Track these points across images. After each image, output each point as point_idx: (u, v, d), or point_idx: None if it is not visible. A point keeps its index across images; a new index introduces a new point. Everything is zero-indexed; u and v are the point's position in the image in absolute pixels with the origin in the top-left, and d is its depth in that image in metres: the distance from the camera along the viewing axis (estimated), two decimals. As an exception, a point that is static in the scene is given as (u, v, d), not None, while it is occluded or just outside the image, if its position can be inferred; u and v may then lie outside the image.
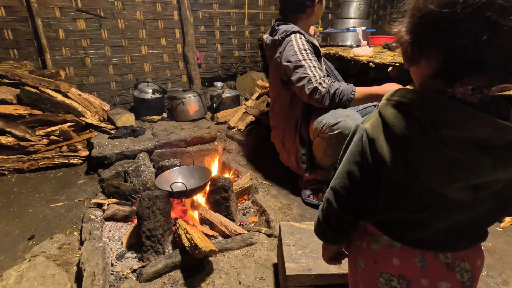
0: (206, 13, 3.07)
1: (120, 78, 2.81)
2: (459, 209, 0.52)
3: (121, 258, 1.29)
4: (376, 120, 0.54)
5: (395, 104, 0.51)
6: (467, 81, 0.45)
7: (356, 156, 0.56)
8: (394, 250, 0.57)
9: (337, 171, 0.61)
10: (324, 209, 0.63)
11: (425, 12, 0.45)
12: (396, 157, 0.50)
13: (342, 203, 0.59)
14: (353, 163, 0.56)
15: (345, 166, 0.58)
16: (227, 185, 1.48)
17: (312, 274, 0.93)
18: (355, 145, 0.56)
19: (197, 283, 1.15)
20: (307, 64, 1.43)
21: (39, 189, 1.84)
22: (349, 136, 0.60)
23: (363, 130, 0.55)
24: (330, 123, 1.40)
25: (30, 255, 1.26)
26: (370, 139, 0.53)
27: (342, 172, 0.58)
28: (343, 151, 0.61)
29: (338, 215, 0.60)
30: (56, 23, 2.45)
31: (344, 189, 0.58)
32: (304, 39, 1.51)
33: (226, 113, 2.62)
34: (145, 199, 1.28)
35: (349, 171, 0.57)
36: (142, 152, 1.96)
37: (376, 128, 0.53)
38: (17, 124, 2.00)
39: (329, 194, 0.62)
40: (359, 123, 0.58)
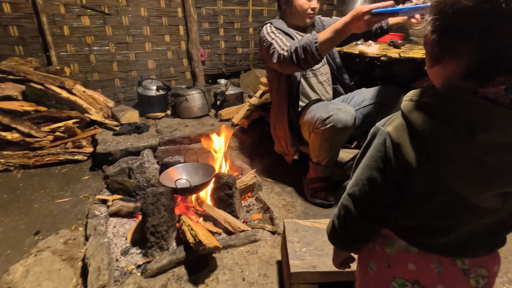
0: (210, 10, 3.06)
1: (124, 75, 2.81)
2: (483, 215, 0.49)
3: (126, 253, 1.30)
4: (400, 123, 0.50)
5: (422, 106, 0.47)
6: (499, 81, 0.42)
7: (378, 162, 0.52)
8: (411, 255, 0.54)
9: (354, 176, 0.58)
10: (341, 216, 0.60)
11: (458, 8, 0.41)
12: (424, 163, 0.47)
13: (363, 211, 0.56)
14: (375, 169, 0.53)
15: (366, 171, 0.54)
16: (231, 182, 1.48)
17: (317, 271, 0.93)
18: (377, 150, 0.52)
19: (201, 279, 1.16)
20: (274, 41, 1.48)
21: (44, 185, 1.85)
22: (368, 139, 0.56)
23: (386, 134, 0.51)
24: (322, 118, 1.40)
25: (36, 250, 1.27)
26: (395, 144, 0.50)
27: (362, 178, 0.55)
28: (360, 155, 0.57)
29: (357, 223, 0.57)
30: (61, 20, 2.45)
31: (365, 196, 0.55)
32: (271, 25, 1.57)
33: (230, 111, 2.62)
34: (150, 196, 1.28)
35: (371, 177, 0.53)
36: (146, 149, 1.97)
37: (401, 132, 0.49)
38: (22, 120, 2.02)
39: (347, 201, 0.58)
40: (380, 126, 0.54)
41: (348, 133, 1.43)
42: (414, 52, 1.88)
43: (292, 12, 1.60)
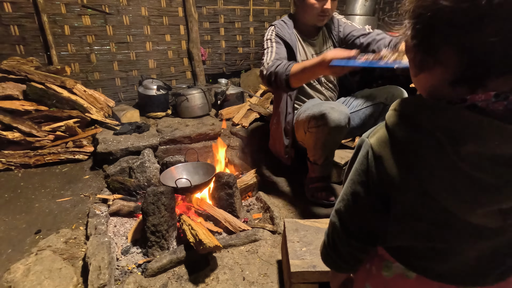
0: (210, 9, 3.06)
1: (125, 74, 2.81)
2: (485, 236, 0.44)
3: (126, 253, 1.30)
4: (383, 135, 0.47)
5: (404, 116, 0.44)
6: (491, 86, 0.38)
7: (361, 176, 0.50)
8: (409, 280, 0.50)
9: (342, 191, 0.55)
10: (329, 233, 0.57)
11: (436, 10, 0.38)
12: (407, 177, 0.44)
13: (348, 227, 0.53)
14: (358, 183, 0.50)
15: (350, 186, 0.52)
16: (231, 181, 1.48)
17: (317, 271, 0.93)
18: (360, 163, 0.50)
19: (202, 279, 1.16)
20: (266, 51, 1.51)
21: (45, 184, 1.86)
22: (354, 151, 0.53)
23: (369, 146, 0.48)
24: (315, 117, 1.40)
25: (37, 249, 1.27)
26: (376, 156, 0.47)
27: (347, 193, 0.52)
28: (347, 168, 0.55)
29: (345, 241, 0.54)
30: (61, 19, 2.46)
31: (349, 212, 0.52)
32: (273, 30, 1.57)
33: (230, 110, 2.62)
34: (150, 195, 1.28)
35: (354, 191, 0.51)
36: (147, 148, 1.97)
37: (383, 143, 0.46)
38: (23, 120, 2.02)
39: (334, 217, 0.55)
40: (365, 137, 0.50)
41: (342, 132, 1.41)
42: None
43: (303, 11, 1.54)
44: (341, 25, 1.65)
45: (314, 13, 1.50)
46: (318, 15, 1.51)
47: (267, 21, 3.40)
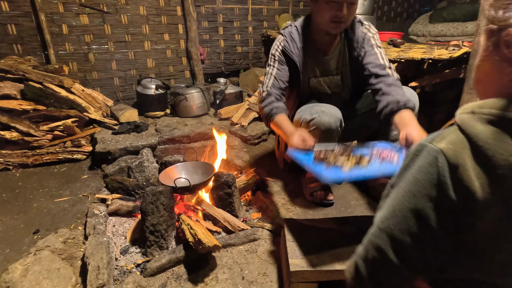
0: (209, 8, 3.05)
1: (123, 73, 2.81)
2: None
3: (125, 252, 1.30)
4: (457, 139, 0.40)
5: (491, 119, 0.37)
6: None
7: (427, 188, 0.40)
8: None
9: (388, 205, 0.44)
10: (370, 260, 0.46)
11: None
12: (493, 193, 0.37)
13: (404, 254, 0.42)
14: (422, 198, 0.41)
15: (408, 200, 0.42)
16: (230, 181, 1.48)
17: (316, 270, 0.93)
18: (424, 172, 0.41)
19: (201, 278, 1.16)
20: (267, 71, 1.46)
21: (43, 184, 1.85)
22: (408, 159, 0.44)
23: (437, 152, 0.40)
24: (306, 120, 1.37)
25: (35, 249, 1.27)
26: (452, 165, 0.39)
27: (403, 208, 0.42)
28: (396, 178, 0.46)
29: (393, 270, 0.44)
30: (59, 18, 2.44)
31: (408, 233, 0.41)
32: (280, 43, 1.44)
33: (229, 109, 2.61)
34: (149, 195, 1.28)
35: (416, 208, 0.41)
36: (146, 148, 1.96)
37: (460, 150, 0.39)
38: (21, 119, 2.01)
39: (380, 239, 0.44)
40: (425, 142, 0.43)
41: (333, 135, 1.39)
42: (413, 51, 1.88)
43: (316, 14, 1.37)
44: (367, 48, 1.41)
45: (326, 17, 1.29)
46: (330, 21, 1.29)
47: (265, 20, 3.39)
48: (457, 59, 1.60)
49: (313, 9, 1.38)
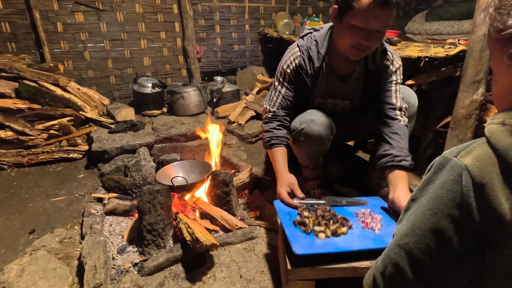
0: (206, 6, 3.04)
1: (119, 72, 2.79)
2: None
3: (122, 252, 1.30)
4: (485, 155, 0.36)
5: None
6: None
7: (449, 207, 0.37)
8: None
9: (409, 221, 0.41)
10: (388, 275, 0.43)
11: None
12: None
13: (422, 274, 0.40)
14: (443, 217, 0.37)
15: (429, 218, 0.39)
16: (227, 179, 1.48)
17: (314, 268, 0.93)
18: (447, 190, 0.38)
19: (199, 277, 1.16)
20: (275, 86, 1.37)
21: (39, 184, 1.84)
22: (430, 172, 0.41)
23: (462, 168, 0.37)
24: (297, 129, 1.34)
25: (31, 249, 1.26)
26: (478, 184, 0.35)
27: (423, 227, 0.39)
28: (418, 191, 0.42)
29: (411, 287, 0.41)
30: (54, 16, 2.42)
31: (427, 253, 0.39)
32: (295, 59, 1.31)
33: (226, 108, 2.61)
34: (146, 193, 1.27)
35: (437, 228, 0.38)
36: (142, 147, 1.95)
37: (488, 167, 0.35)
38: (16, 118, 1.99)
39: (399, 256, 0.42)
40: (449, 155, 0.39)
41: (324, 143, 1.37)
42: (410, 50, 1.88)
43: (337, 34, 1.21)
44: (385, 81, 1.33)
45: (348, 43, 1.14)
46: (352, 47, 1.15)
47: (262, 18, 3.38)
48: (453, 57, 1.60)
49: (335, 29, 1.23)
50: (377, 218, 1.08)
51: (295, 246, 0.92)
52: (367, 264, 0.94)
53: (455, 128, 1.55)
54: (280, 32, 3.06)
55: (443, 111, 1.72)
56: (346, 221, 1.05)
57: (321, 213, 1.07)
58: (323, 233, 0.98)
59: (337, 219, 1.05)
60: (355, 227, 1.04)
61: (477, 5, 1.39)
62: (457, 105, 1.52)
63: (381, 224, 1.05)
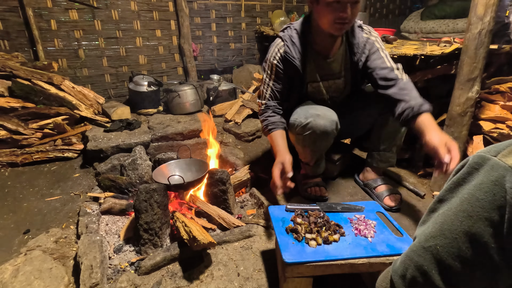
0: (202, 4, 3.02)
1: (114, 70, 2.76)
2: None
3: (119, 251, 1.29)
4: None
5: None
6: None
7: (488, 210, 0.34)
8: None
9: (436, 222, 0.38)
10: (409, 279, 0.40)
11: None
12: None
13: (455, 281, 0.37)
14: (481, 221, 0.34)
15: (462, 221, 0.36)
16: (224, 178, 1.47)
17: (311, 265, 0.94)
18: (486, 191, 0.35)
19: (196, 275, 1.15)
20: (264, 81, 1.44)
21: (33, 183, 1.81)
22: (464, 171, 0.38)
23: (506, 170, 0.33)
24: (302, 123, 1.35)
25: (26, 249, 1.24)
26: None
27: (454, 230, 0.36)
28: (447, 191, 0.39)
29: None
30: (47, 14, 2.39)
31: (460, 260, 0.36)
32: (279, 50, 1.38)
33: (223, 106, 2.60)
34: (142, 192, 1.26)
35: (472, 232, 0.35)
36: (138, 145, 1.94)
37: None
38: (9, 117, 1.96)
39: (424, 260, 0.39)
40: (488, 154, 0.36)
41: (329, 139, 1.39)
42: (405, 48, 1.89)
43: (317, 15, 1.29)
44: (370, 53, 1.37)
45: (329, 19, 1.23)
46: (334, 23, 1.23)
47: (259, 17, 3.37)
48: (449, 55, 1.62)
49: (314, 11, 1.30)
50: (371, 225, 1.08)
51: (285, 254, 0.94)
52: (364, 260, 0.95)
53: (451, 126, 1.56)
54: (276, 31, 3.06)
55: (439, 109, 1.74)
56: (339, 228, 1.06)
57: (313, 220, 1.07)
58: (314, 241, 0.99)
59: (330, 226, 1.06)
60: (348, 234, 1.05)
61: (472, 4, 1.40)
62: (452, 102, 1.54)
63: (374, 231, 1.05)
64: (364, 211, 1.18)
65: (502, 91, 1.62)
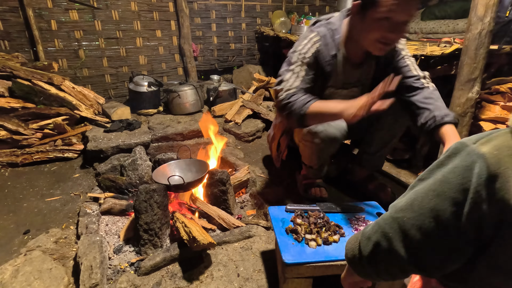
0: (202, 4, 3.02)
1: (114, 70, 2.76)
2: None
3: (119, 251, 1.29)
4: (505, 145, 0.34)
5: None
6: None
7: (455, 191, 0.36)
8: None
9: (410, 196, 0.42)
10: (374, 242, 0.44)
11: None
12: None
13: (413, 253, 0.40)
14: (446, 200, 0.37)
15: (431, 198, 0.38)
16: (225, 178, 1.47)
17: (311, 265, 0.93)
18: (457, 175, 0.37)
19: (196, 276, 1.15)
20: (292, 68, 1.24)
21: (33, 183, 1.81)
22: (445, 155, 0.41)
23: (479, 156, 0.35)
24: (311, 130, 1.32)
25: (25, 249, 1.24)
26: (493, 173, 0.34)
27: (422, 205, 0.39)
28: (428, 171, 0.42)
29: (396, 259, 0.42)
30: (48, 14, 2.39)
31: (421, 231, 0.39)
32: (314, 44, 1.23)
33: (223, 107, 2.60)
34: (142, 193, 1.26)
35: (437, 209, 0.38)
36: (138, 146, 1.94)
37: (506, 157, 0.34)
38: (9, 117, 1.96)
39: (390, 228, 0.42)
40: (468, 142, 0.38)
41: (337, 145, 1.38)
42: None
43: (359, 27, 1.15)
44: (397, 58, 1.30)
45: (373, 36, 1.10)
46: (377, 41, 1.10)
47: (259, 17, 3.37)
48: (449, 55, 1.61)
49: (356, 21, 1.16)
50: None
51: (285, 254, 0.94)
52: (364, 261, 0.95)
53: (451, 126, 1.55)
54: (276, 31, 3.06)
55: (439, 109, 1.73)
56: (339, 229, 1.06)
57: (313, 220, 1.07)
58: (314, 242, 0.99)
59: (330, 226, 1.05)
60: (348, 235, 1.05)
61: (472, 4, 1.40)
62: (452, 103, 1.53)
63: None
64: (364, 212, 1.18)
65: (502, 91, 1.62)
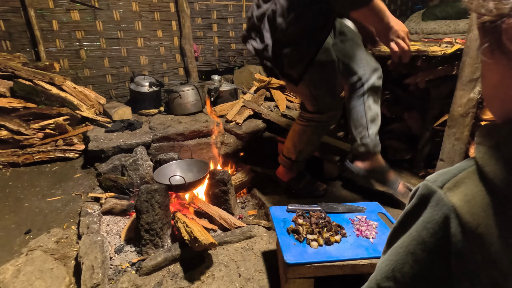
0: (203, 5, 3.02)
1: (116, 71, 2.76)
2: None
3: (120, 251, 1.29)
4: (476, 192, 0.29)
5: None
6: None
7: (432, 258, 0.32)
8: None
9: (389, 257, 0.38)
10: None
11: None
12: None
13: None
14: (427, 268, 0.33)
15: (411, 265, 0.34)
16: (226, 178, 1.47)
17: (312, 266, 0.93)
18: (431, 233, 0.32)
19: (197, 276, 1.15)
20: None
21: (34, 183, 1.82)
22: (412, 204, 0.36)
23: (449, 209, 0.30)
24: (309, 111, 1.38)
25: (27, 249, 1.25)
26: (468, 229, 0.28)
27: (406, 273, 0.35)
28: (400, 225, 0.37)
29: None
30: (49, 14, 2.39)
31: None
32: None
33: (224, 107, 2.60)
34: (144, 193, 1.26)
35: (421, 276, 0.34)
36: (140, 146, 1.94)
37: (479, 209, 0.28)
38: (11, 117, 1.97)
39: None
40: (434, 186, 0.33)
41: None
42: (407, 48, 1.89)
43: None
44: None
45: None
46: None
47: (260, 17, 3.37)
48: (450, 56, 1.61)
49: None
50: (373, 226, 1.08)
51: (287, 254, 0.94)
52: (366, 261, 0.95)
53: (452, 127, 1.55)
54: (277, 31, 3.05)
55: (440, 110, 1.73)
56: (340, 229, 1.06)
57: (315, 221, 1.07)
58: (316, 242, 0.99)
59: (332, 227, 1.05)
60: (349, 235, 1.04)
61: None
62: (454, 103, 1.53)
63: (376, 232, 1.05)
64: (366, 212, 1.18)
65: (504, 92, 1.61)
